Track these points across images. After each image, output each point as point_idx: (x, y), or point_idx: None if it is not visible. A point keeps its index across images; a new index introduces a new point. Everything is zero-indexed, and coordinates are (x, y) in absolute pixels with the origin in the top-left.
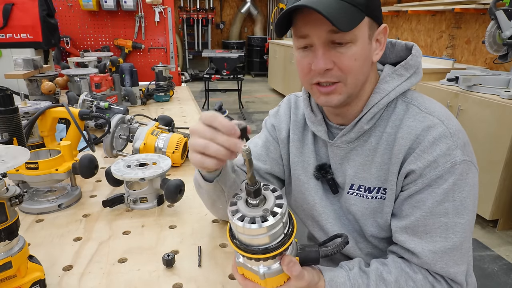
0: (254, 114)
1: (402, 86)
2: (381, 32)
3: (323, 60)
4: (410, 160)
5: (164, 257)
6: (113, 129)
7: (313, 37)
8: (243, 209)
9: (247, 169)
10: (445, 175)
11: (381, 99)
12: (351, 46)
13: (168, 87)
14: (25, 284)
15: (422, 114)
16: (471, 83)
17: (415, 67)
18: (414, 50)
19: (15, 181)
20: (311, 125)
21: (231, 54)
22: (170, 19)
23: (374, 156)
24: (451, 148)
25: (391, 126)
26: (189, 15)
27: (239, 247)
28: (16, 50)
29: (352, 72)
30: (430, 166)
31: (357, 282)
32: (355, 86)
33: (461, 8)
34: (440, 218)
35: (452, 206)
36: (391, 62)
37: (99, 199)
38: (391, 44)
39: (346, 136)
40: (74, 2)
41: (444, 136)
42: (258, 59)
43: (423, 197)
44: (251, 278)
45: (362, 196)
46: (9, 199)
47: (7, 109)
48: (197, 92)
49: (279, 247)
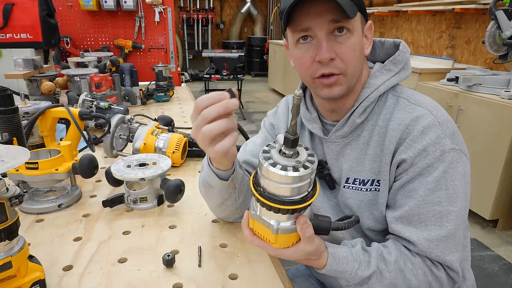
0: (254, 114)
1: (391, 80)
2: (368, 29)
3: (327, 49)
4: (401, 150)
5: (164, 257)
6: (113, 129)
7: (315, 29)
8: (276, 157)
9: (292, 116)
10: (435, 163)
11: (371, 93)
12: (350, 36)
13: (168, 87)
14: (25, 284)
15: (411, 106)
16: (471, 83)
17: (403, 62)
18: (401, 46)
19: (15, 181)
20: (306, 123)
21: (231, 54)
22: (170, 19)
23: (367, 149)
24: (440, 136)
25: (382, 119)
26: (189, 15)
27: (262, 195)
28: (16, 50)
29: (351, 62)
30: (420, 154)
31: (359, 258)
32: (353, 77)
33: (461, 8)
34: (433, 207)
35: (445, 195)
36: (381, 60)
37: (99, 199)
38: (381, 42)
39: (340, 131)
40: (74, 2)
41: (433, 125)
42: (258, 59)
43: (415, 186)
44: (262, 233)
45: (357, 189)
46: (9, 199)
47: (7, 109)
48: (197, 92)
49: (301, 202)
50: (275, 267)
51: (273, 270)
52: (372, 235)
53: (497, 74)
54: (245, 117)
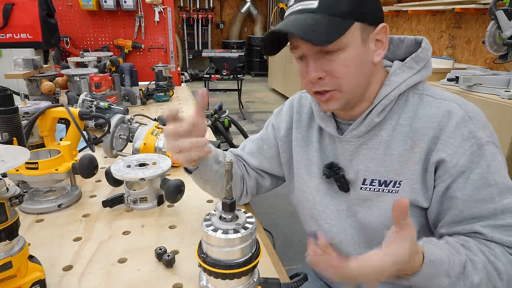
0: (254, 114)
1: (413, 78)
2: (380, 32)
3: (314, 69)
4: (438, 148)
5: (164, 257)
6: (113, 129)
7: (303, 48)
8: (216, 223)
9: (226, 181)
10: (475, 158)
11: (392, 91)
12: (341, 53)
13: (168, 87)
14: (25, 284)
15: (437, 101)
16: (471, 83)
17: (425, 60)
18: (424, 43)
19: (15, 181)
20: (320, 122)
21: (231, 54)
22: (170, 19)
23: (387, 149)
24: (473, 130)
25: (404, 118)
26: (189, 15)
27: (207, 262)
28: (16, 50)
29: (345, 78)
30: (457, 152)
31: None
32: (352, 91)
33: (461, 8)
34: (487, 205)
35: (496, 190)
36: (400, 58)
37: (99, 199)
38: (400, 40)
39: (356, 130)
40: (74, 2)
41: (464, 119)
42: (258, 59)
43: (460, 186)
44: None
45: (378, 190)
46: (9, 199)
47: (7, 109)
48: (197, 92)
49: (246, 264)
50: (275, 267)
51: (273, 270)
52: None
53: (497, 74)
54: (245, 117)
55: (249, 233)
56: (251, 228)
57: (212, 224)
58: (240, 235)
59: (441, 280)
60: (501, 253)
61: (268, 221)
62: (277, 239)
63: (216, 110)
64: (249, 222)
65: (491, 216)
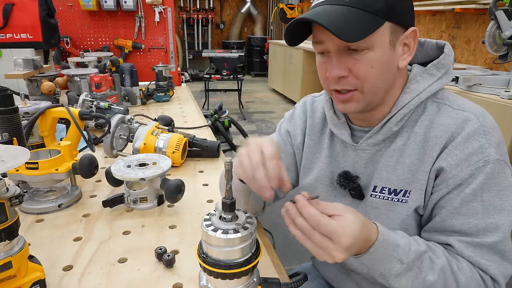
0: (254, 114)
1: (434, 86)
2: (409, 36)
3: (337, 67)
4: (441, 156)
5: (164, 257)
6: (113, 129)
7: (328, 43)
8: (216, 223)
9: (226, 181)
10: (476, 173)
11: (412, 100)
12: (367, 52)
13: (168, 87)
14: (25, 284)
15: (455, 111)
16: (471, 83)
17: (447, 66)
18: (446, 48)
19: (15, 181)
20: (333, 128)
21: (231, 54)
22: (170, 19)
23: (400, 157)
24: (484, 146)
25: (419, 126)
26: (189, 15)
27: (207, 262)
28: (16, 50)
29: (368, 79)
30: (460, 165)
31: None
32: (374, 94)
33: (461, 8)
34: (468, 219)
35: (481, 207)
36: (419, 62)
37: (99, 199)
38: (420, 43)
39: (373, 138)
40: (74, 2)
41: (477, 133)
42: (258, 59)
43: (451, 196)
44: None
45: (387, 199)
46: (9, 199)
47: (7, 109)
48: (197, 92)
49: (246, 264)
50: (275, 266)
51: (273, 270)
52: None
53: (497, 74)
54: (245, 117)
55: (249, 233)
56: (251, 228)
57: (212, 224)
58: (240, 235)
59: (392, 265)
60: (467, 269)
61: (268, 221)
62: (277, 239)
63: (216, 110)
64: (249, 222)
65: (471, 233)
